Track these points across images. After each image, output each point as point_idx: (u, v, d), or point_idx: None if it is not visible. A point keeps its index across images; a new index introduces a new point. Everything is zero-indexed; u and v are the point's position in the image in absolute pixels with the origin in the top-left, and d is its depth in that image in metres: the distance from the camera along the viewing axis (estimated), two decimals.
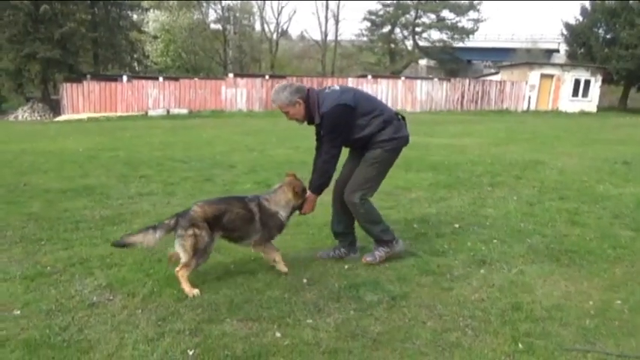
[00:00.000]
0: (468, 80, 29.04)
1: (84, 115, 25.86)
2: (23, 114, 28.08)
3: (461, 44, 41.77)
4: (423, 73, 48.13)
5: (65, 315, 3.01)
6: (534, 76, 28.08)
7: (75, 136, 15.27)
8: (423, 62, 49.88)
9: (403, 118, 3.70)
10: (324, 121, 3.46)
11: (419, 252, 4.03)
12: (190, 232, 3.18)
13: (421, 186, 6.73)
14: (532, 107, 28.33)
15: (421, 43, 43.29)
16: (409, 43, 43.52)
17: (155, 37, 35.74)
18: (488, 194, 6.28)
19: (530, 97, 28.23)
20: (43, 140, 13.90)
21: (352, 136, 3.54)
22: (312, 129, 3.73)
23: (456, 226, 4.76)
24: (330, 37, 43.85)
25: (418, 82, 28.64)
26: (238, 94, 27.65)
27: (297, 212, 3.72)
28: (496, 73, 32.17)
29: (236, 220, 3.38)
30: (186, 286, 3.21)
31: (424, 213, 5.31)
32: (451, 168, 8.08)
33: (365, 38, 42.29)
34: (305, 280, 3.45)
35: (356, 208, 3.64)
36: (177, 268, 3.25)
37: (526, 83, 28.15)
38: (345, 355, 2.53)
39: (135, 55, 33.19)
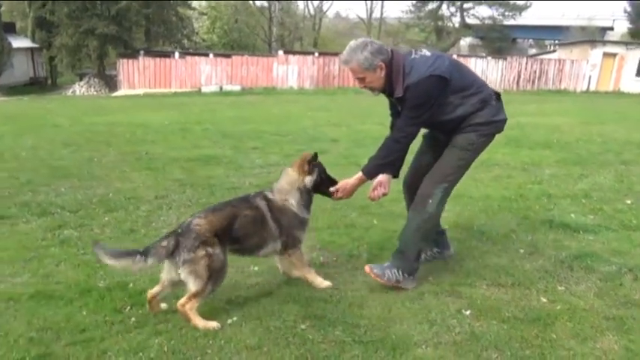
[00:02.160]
0: (525, 59, 28.13)
1: (140, 91, 26.27)
2: (80, 89, 28.78)
3: (512, 21, 40.30)
4: (465, 51, 46.91)
5: None
6: (596, 54, 26.95)
7: (145, 110, 15.50)
8: (466, 41, 48.58)
9: (499, 95, 2.93)
10: (408, 95, 2.67)
11: (611, 226, 3.94)
12: (201, 252, 2.46)
13: (548, 163, 6.59)
14: (592, 87, 27.29)
15: (469, 20, 42.01)
16: (456, 20, 42.28)
17: (203, 14, 35.83)
18: (627, 172, 6.09)
19: (590, 77, 27.16)
20: (118, 114, 14.15)
21: (440, 116, 2.76)
22: (386, 101, 2.96)
23: (628, 202, 4.64)
24: (376, 14, 43.09)
25: (472, 60, 27.88)
26: (290, 71, 27.55)
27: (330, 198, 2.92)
28: (552, 51, 31.03)
29: (247, 225, 2.69)
30: (199, 322, 2.47)
31: (578, 189, 5.19)
32: (564, 146, 7.87)
33: (412, 15, 41.27)
34: (522, 250, 3.43)
35: (427, 205, 2.83)
36: (183, 301, 2.48)
37: (587, 62, 27.07)
38: (630, 321, 2.51)
39: (185, 32, 33.35)
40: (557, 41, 51.09)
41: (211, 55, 27.77)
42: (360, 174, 2.84)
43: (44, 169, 6.29)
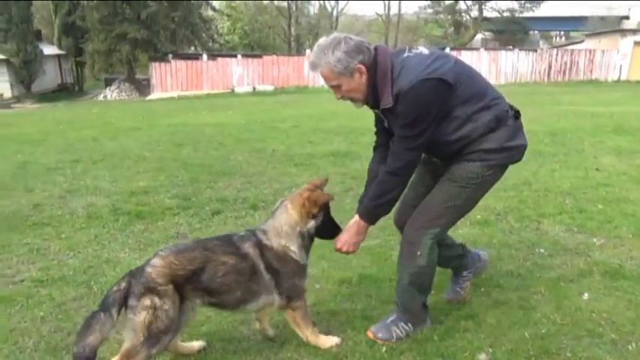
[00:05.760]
0: (555, 50, 28.24)
1: (174, 94, 26.41)
2: (111, 94, 28.88)
3: (531, 13, 40.41)
4: (477, 45, 47.04)
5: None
6: (627, 43, 27.02)
7: (201, 112, 15.57)
8: (483, 34, 48.75)
9: (518, 113, 2.26)
10: (400, 106, 2.06)
11: None
12: (146, 301, 1.99)
13: None
14: (623, 77, 27.34)
15: (486, 13, 42.11)
16: (474, 14, 42.35)
17: (229, 15, 36.00)
18: None
19: (621, 67, 27.22)
20: (180, 115, 14.22)
21: (439, 136, 2.14)
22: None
23: None
24: (393, 10, 43.24)
25: (502, 53, 28.00)
26: None
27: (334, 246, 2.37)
28: (580, 42, 31.12)
29: (226, 276, 2.13)
30: None
31: None
32: None
33: (430, 10, 41.41)
34: None
35: (416, 254, 2.26)
36: (116, 358, 2.04)
37: (617, 52, 27.14)
38: None
39: (209, 33, 33.49)
40: (562, 32, 51.27)
41: (239, 56, 27.93)
42: (357, 219, 2.29)
43: (191, 167, 6.40)
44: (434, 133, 2.10)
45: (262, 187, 5.29)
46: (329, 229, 2.30)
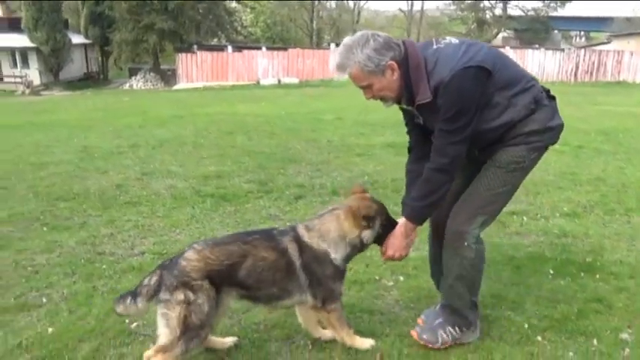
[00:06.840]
0: (583, 50, 27.97)
1: (199, 84, 26.62)
2: (137, 83, 29.20)
3: (555, 13, 39.99)
4: (498, 43, 46.67)
5: None
6: None
7: (234, 102, 15.71)
8: (508, 32, 48.42)
9: (549, 93, 2.17)
10: (441, 98, 1.98)
11: None
12: (179, 296, 1.96)
13: None
14: None
15: (511, 12, 41.76)
16: (498, 12, 42.01)
17: (252, 8, 36.14)
18: None
19: None
20: (213, 106, 14.39)
21: (484, 124, 2.06)
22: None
23: None
24: (417, 7, 43.05)
25: (529, 51, 27.84)
26: None
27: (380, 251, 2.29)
28: (607, 42, 30.81)
29: (262, 272, 2.08)
30: None
31: None
32: None
33: (454, 7, 41.16)
34: None
35: (463, 245, 2.15)
36: (149, 354, 2.01)
37: None
38: None
39: (234, 25, 33.67)
40: (582, 33, 50.60)
41: (264, 49, 28.07)
42: (404, 222, 2.17)
43: (253, 154, 6.53)
44: (476, 122, 2.01)
45: (333, 174, 5.40)
46: (387, 232, 2.21)
